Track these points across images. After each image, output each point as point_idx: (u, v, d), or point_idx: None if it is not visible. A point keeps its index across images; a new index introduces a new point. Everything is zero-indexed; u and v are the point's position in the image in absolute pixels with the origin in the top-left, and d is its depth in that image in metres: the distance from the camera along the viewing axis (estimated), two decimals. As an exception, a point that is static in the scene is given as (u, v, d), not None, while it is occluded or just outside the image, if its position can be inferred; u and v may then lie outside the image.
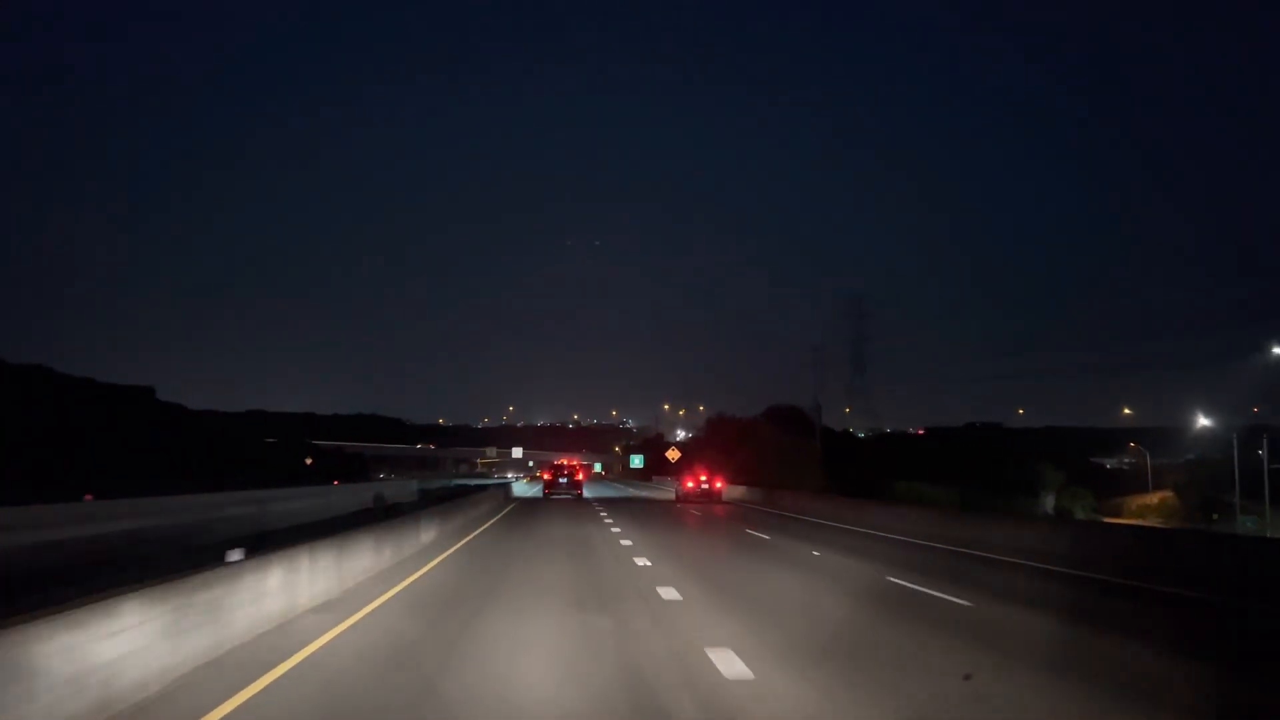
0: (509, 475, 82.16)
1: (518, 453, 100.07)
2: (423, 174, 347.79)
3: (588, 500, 44.74)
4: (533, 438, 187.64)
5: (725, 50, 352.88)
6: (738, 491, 46.17)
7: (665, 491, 56.76)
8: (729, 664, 7.78)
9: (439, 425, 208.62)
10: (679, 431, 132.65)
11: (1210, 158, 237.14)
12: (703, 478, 44.63)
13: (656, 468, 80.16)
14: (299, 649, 8.44)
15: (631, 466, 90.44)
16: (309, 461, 68.18)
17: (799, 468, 44.62)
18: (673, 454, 56.24)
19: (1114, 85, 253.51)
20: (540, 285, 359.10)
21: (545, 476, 54.66)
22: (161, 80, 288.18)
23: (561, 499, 45.98)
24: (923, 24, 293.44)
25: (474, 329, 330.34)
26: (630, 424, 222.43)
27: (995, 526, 20.27)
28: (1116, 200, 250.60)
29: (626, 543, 20.24)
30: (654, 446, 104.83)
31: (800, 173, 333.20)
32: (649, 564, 15.96)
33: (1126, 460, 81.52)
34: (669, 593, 12.18)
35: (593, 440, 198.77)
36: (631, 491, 66.47)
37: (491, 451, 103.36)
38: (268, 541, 11.93)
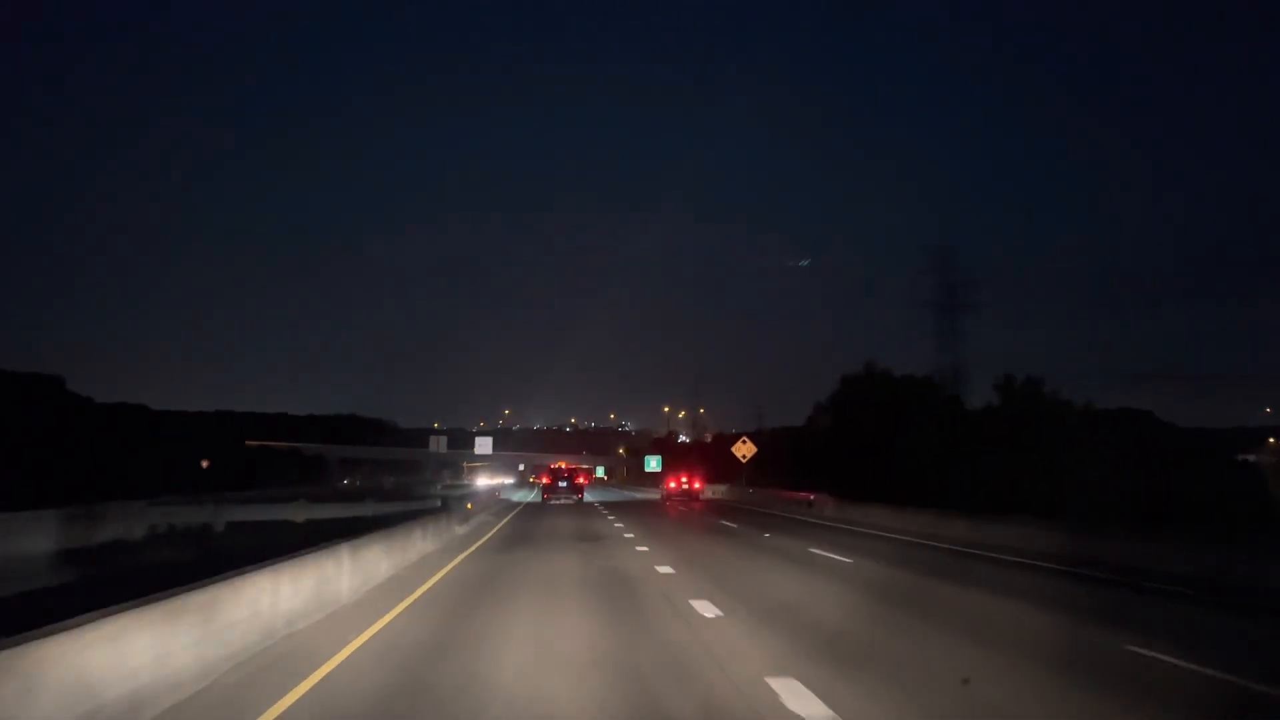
0: (463, 482, 61.91)
1: (484, 446, 59.69)
2: (422, 175, 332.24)
3: (591, 505, 41.74)
4: (529, 441, 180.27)
5: (714, 40, 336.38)
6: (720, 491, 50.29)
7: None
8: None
9: (431, 429, 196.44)
10: (681, 436, 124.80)
11: None
12: (684, 479, 51.98)
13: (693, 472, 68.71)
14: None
15: (647, 470, 75.07)
16: (205, 464, 52.95)
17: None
18: (744, 449, 41.00)
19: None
20: (537, 287, 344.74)
21: (544, 480, 54.24)
22: (146, 77, 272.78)
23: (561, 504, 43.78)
24: None
25: (471, 333, 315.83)
26: (628, 426, 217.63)
27: None
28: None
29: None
30: (670, 447, 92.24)
31: (797, 164, 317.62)
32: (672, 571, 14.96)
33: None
34: (705, 607, 10.97)
35: (592, 443, 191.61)
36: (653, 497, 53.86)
37: (440, 443, 62.21)
38: None
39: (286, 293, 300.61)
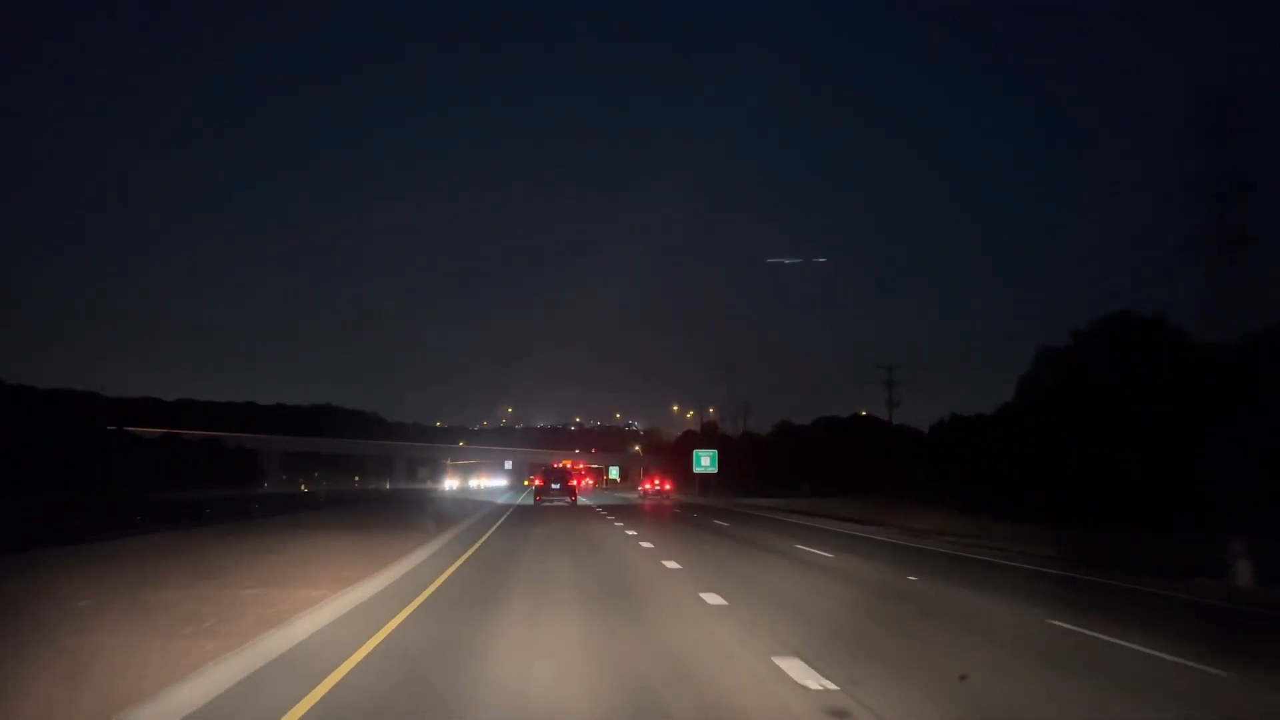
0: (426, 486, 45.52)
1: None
2: (418, 160, 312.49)
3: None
4: (534, 441, 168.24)
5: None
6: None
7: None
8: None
9: (431, 426, 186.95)
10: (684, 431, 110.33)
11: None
12: (656, 481, 58.15)
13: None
14: None
15: (697, 469, 55.37)
16: None
17: None
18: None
19: None
20: (539, 285, 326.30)
21: (537, 483, 53.13)
22: (104, 48, 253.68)
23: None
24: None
25: (471, 330, 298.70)
26: (636, 425, 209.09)
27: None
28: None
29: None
30: (690, 444, 74.01)
31: (805, 151, 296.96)
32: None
33: None
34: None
35: (600, 441, 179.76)
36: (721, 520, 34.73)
37: None
38: None
39: (281, 282, 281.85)
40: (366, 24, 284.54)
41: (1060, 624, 9.84)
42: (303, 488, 68.88)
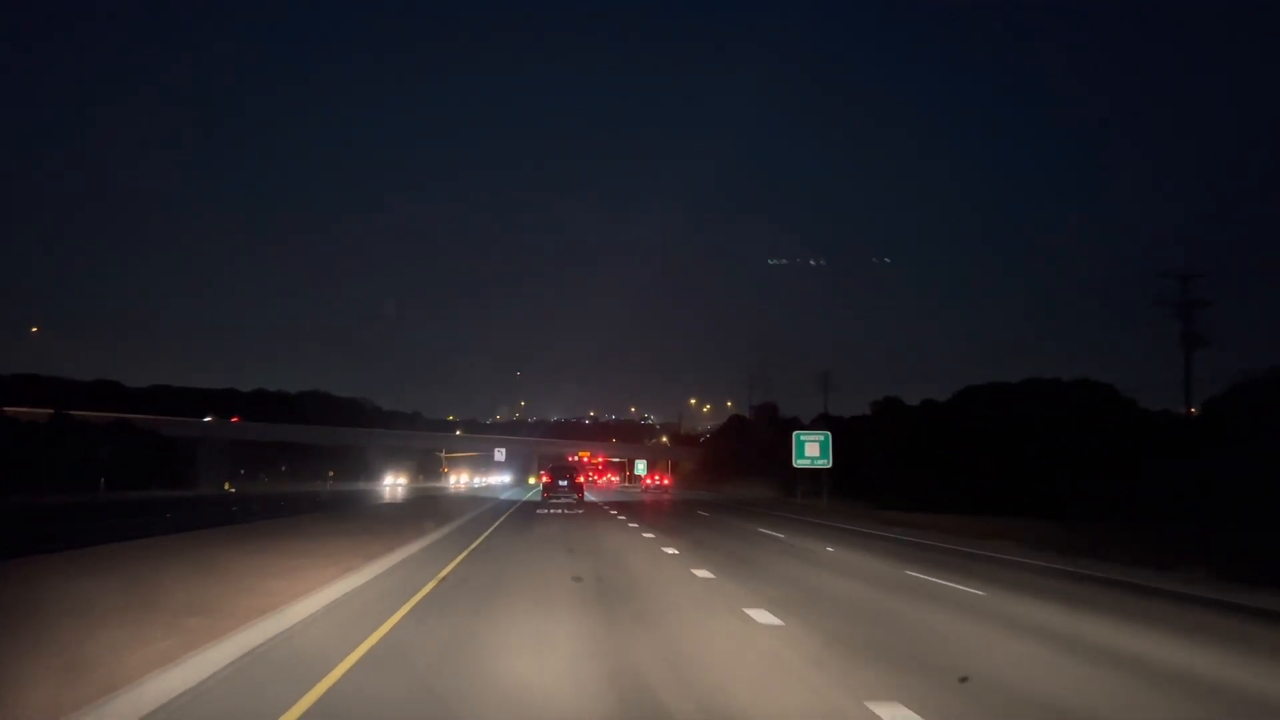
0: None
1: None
2: (418, 150, 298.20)
3: None
4: (548, 434, 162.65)
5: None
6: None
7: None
8: None
9: (441, 420, 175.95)
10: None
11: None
12: (657, 477, 69.92)
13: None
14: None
15: (799, 461, 37.70)
16: None
17: None
18: None
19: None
20: (539, 284, 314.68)
21: (545, 480, 50.49)
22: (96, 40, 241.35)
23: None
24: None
25: (478, 331, 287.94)
26: (652, 419, 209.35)
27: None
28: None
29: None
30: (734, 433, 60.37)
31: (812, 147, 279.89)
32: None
33: None
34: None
35: (619, 434, 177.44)
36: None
37: None
38: None
39: (281, 280, 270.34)
40: (366, 23, 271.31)
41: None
42: (226, 487, 54.91)
